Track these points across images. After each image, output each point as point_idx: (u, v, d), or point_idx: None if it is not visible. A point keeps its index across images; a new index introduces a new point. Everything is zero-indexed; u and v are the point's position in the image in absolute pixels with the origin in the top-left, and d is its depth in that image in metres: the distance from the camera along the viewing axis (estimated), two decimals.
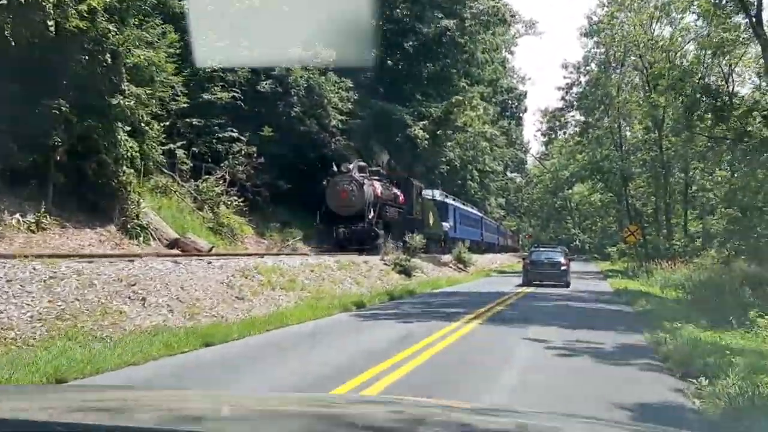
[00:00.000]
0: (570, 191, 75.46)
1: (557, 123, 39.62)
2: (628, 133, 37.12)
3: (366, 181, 23.84)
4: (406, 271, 22.48)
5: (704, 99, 19.66)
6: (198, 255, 14.72)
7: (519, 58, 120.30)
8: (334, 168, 23.86)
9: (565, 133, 40.35)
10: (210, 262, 13.21)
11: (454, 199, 40.01)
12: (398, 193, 27.47)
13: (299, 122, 24.97)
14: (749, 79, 27.97)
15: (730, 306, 12.58)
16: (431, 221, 32.01)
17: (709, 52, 23.66)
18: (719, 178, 30.30)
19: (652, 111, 28.79)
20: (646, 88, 31.92)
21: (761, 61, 20.48)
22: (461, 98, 30.34)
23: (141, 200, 15.33)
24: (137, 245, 14.38)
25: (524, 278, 23.80)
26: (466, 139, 34.05)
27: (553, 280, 22.90)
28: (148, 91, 15.25)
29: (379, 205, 24.10)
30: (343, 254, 21.32)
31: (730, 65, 25.60)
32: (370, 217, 23.25)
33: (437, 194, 35.85)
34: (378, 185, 24.79)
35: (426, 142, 28.89)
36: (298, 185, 24.49)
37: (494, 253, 54.14)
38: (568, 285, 22.92)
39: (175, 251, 14.92)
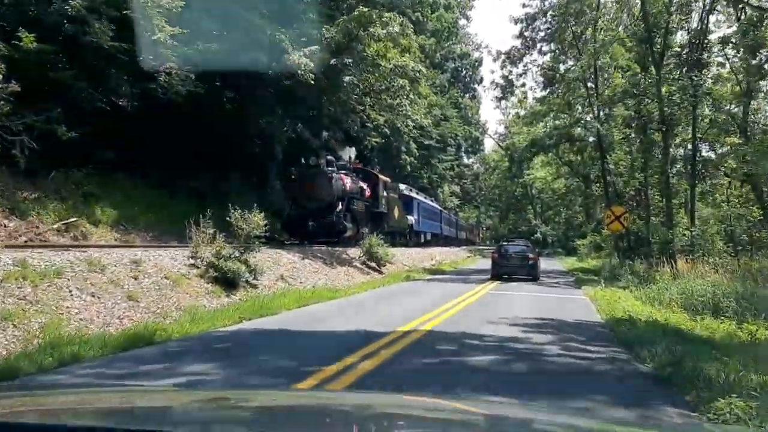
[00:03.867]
0: (531, 174, 66.51)
1: (513, 72, 29.87)
2: (606, 91, 27.65)
3: (335, 174, 23.61)
4: (228, 281, 12.40)
5: None
6: None
7: (478, 29, 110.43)
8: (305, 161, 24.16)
9: (524, 85, 30.66)
10: None
11: (417, 193, 40.07)
12: (365, 186, 27.24)
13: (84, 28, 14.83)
14: None
15: None
16: (396, 215, 32.16)
17: None
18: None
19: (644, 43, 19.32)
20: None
21: None
22: (367, 11, 20.31)
23: None
24: None
25: (493, 271, 23.23)
26: (384, 77, 23.91)
27: (522, 274, 22.61)
28: None
29: (347, 199, 24.02)
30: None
31: None
32: (338, 210, 23.09)
33: (402, 188, 35.87)
34: (347, 179, 24.64)
35: (311, 75, 18.81)
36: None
37: (454, 246, 51.22)
38: (536, 279, 22.70)
39: None
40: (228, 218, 13.65)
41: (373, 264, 22.85)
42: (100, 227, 16.16)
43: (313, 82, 19.35)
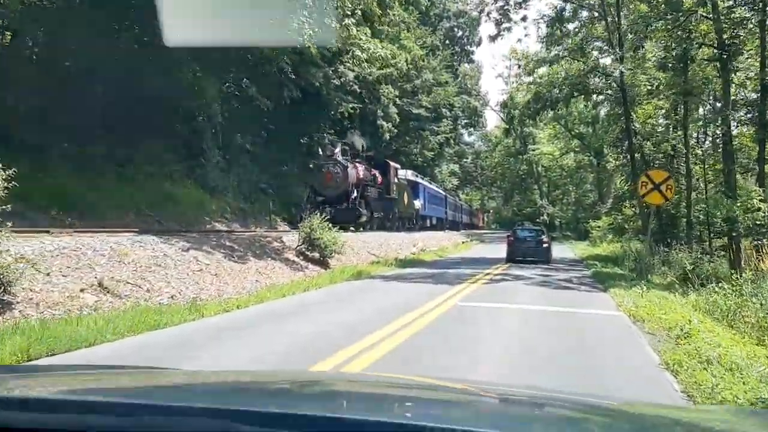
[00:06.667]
0: (536, 150, 59.80)
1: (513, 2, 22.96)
2: (630, 19, 21.00)
3: (349, 164, 24.68)
4: None
5: None
6: None
7: None
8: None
9: (525, 19, 23.80)
10: None
11: (422, 179, 40.83)
12: (377, 174, 28.51)
13: None
14: None
15: None
16: (405, 200, 33.41)
17: None
18: None
19: None
20: None
21: None
22: None
23: None
24: None
25: (508, 255, 23.57)
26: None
27: (535, 257, 22.95)
28: None
29: (361, 186, 25.48)
30: None
31: None
32: (353, 197, 24.51)
33: (409, 174, 36.70)
34: (360, 168, 25.79)
35: None
36: None
37: (454, 231, 48.58)
38: (549, 261, 22.79)
39: None
40: None
41: (315, 255, 16.48)
42: None
43: None
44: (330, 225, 16.89)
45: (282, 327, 8.22)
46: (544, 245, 23.33)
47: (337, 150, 24.90)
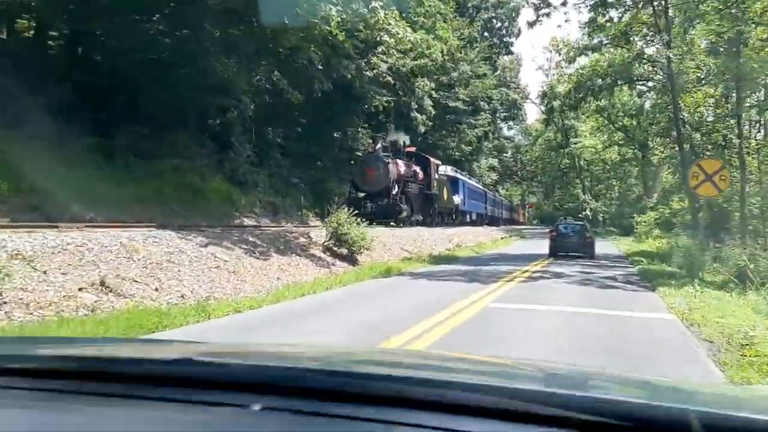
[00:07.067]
0: (578, 143, 58.05)
1: None
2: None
3: (390, 160, 25.04)
4: None
5: None
6: None
7: None
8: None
9: (565, 3, 22.42)
10: None
11: (462, 174, 41.09)
12: (418, 170, 28.70)
13: None
14: None
15: None
16: (445, 196, 33.54)
17: None
18: None
19: None
20: None
21: None
22: None
23: None
24: None
25: (551, 250, 23.66)
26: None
27: (579, 252, 23.06)
28: None
29: (402, 182, 25.63)
30: None
31: None
32: (393, 193, 24.69)
33: (449, 170, 36.90)
34: (401, 163, 26.03)
35: None
36: None
37: (494, 226, 48.28)
38: (592, 257, 22.69)
39: None
40: None
41: (343, 251, 15.77)
42: None
43: None
44: (358, 220, 16.20)
45: (298, 327, 7.52)
46: (588, 240, 23.33)
47: (378, 146, 25.42)
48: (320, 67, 24.20)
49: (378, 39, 18.89)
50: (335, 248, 15.80)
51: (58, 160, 15.28)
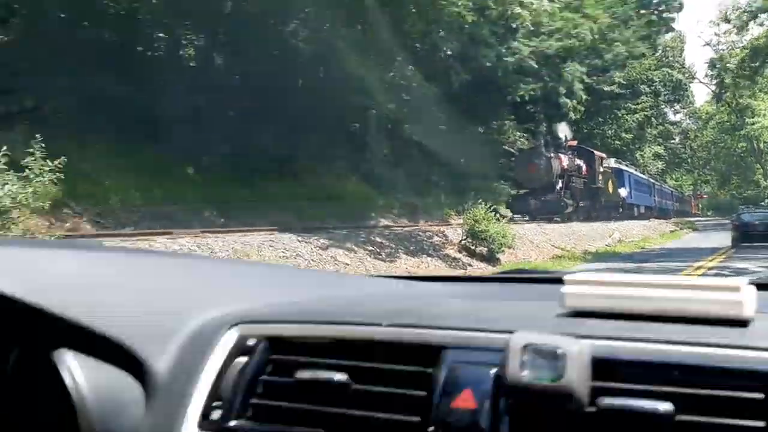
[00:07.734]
0: (756, 123, 51.81)
1: None
2: None
3: (552, 154, 24.98)
4: None
5: None
6: None
7: None
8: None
9: None
10: None
11: (627, 166, 40.41)
12: (581, 164, 28.54)
13: None
14: None
15: None
16: (610, 189, 33.14)
17: None
18: None
19: None
20: None
21: None
22: None
23: None
24: None
25: (733, 241, 22.59)
26: None
27: (766, 243, 20.50)
28: None
29: (565, 177, 25.51)
30: None
31: None
32: (558, 188, 24.67)
33: (612, 162, 36.85)
34: (564, 158, 25.88)
35: None
36: None
37: (663, 219, 45.02)
38: None
39: None
40: None
41: (482, 250, 14.36)
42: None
43: None
44: (498, 215, 14.73)
45: None
46: None
47: (541, 141, 25.68)
48: (459, 59, 22.97)
49: (510, 13, 17.23)
50: (472, 247, 14.44)
51: (194, 167, 15.35)
